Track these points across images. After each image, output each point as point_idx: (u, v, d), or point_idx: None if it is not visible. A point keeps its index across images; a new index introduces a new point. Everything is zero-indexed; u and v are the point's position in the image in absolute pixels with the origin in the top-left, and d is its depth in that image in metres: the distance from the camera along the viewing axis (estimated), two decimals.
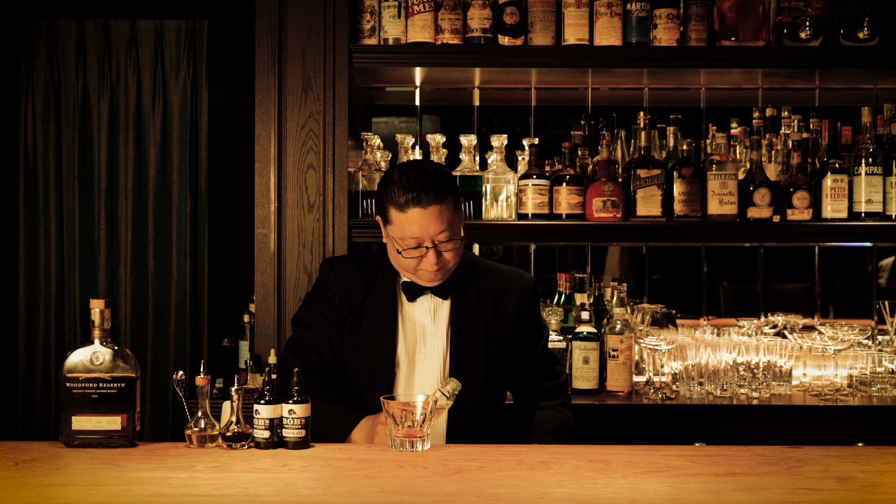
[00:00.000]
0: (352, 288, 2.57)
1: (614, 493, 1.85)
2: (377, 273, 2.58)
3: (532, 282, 2.64)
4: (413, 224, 2.41)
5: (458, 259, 2.48)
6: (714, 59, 3.34)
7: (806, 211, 3.34)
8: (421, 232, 2.41)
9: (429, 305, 2.55)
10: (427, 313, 2.55)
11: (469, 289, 2.56)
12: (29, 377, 4.43)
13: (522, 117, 3.98)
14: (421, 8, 3.28)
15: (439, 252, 2.43)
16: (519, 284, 2.61)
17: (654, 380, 3.19)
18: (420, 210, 2.40)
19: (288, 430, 2.19)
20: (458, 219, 2.46)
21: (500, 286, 2.59)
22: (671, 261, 3.97)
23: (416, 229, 2.41)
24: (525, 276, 2.66)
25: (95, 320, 2.24)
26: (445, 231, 2.41)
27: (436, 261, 2.43)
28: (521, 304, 2.59)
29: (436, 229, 2.41)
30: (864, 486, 1.91)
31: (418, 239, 2.42)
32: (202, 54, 4.40)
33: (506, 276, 2.63)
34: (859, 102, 3.54)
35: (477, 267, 2.61)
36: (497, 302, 2.57)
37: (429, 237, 2.42)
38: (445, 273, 2.49)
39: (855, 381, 3.28)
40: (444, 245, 2.43)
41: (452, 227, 2.43)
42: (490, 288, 2.58)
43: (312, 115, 3.27)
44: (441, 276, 2.49)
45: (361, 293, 2.56)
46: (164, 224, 4.42)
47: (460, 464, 2.06)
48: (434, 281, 2.50)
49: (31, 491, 1.86)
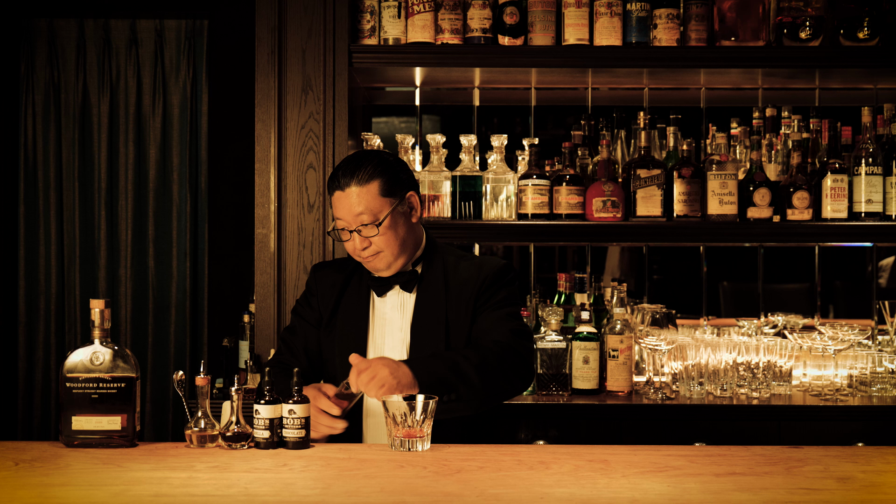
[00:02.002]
0: (328, 289, 2.62)
1: (614, 493, 1.85)
2: (354, 273, 2.62)
3: (498, 265, 2.57)
4: (336, 206, 2.48)
5: (394, 249, 2.48)
6: (714, 59, 3.34)
7: (806, 211, 3.34)
8: (342, 213, 2.46)
9: (397, 300, 2.56)
10: (395, 308, 2.56)
11: (436, 281, 2.56)
12: (29, 377, 4.43)
13: (522, 117, 3.98)
14: (421, 8, 3.28)
15: (364, 237, 2.46)
16: (484, 270, 2.56)
17: (654, 380, 3.19)
18: (339, 193, 2.46)
19: (288, 430, 2.19)
20: (387, 206, 2.45)
21: (468, 275, 2.56)
22: (671, 261, 3.97)
23: (338, 210, 2.47)
24: (494, 260, 2.61)
25: (95, 320, 2.24)
26: (364, 214, 2.43)
27: (361, 245, 2.46)
28: (480, 285, 2.54)
29: (354, 211, 2.44)
30: (864, 486, 1.91)
31: (342, 221, 2.47)
32: (202, 54, 4.40)
33: (477, 262, 2.59)
34: (859, 102, 3.54)
35: (449, 259, 2.60)
36: (461, 290, 2.55)
37: (350, 220, 2.45)
38: (387, 261, 2.50)
39: (855, 381, 3.28)
40: (367, 230, 2.45)
41: (375, 213, 2.44)
42: (458, 278, 2.56)
43: (312, 115, 3.27)
44: (383, 264, 2.50)
45: (336, 293, 2.60)
46: (164, 224, 4.42)
47: (460, 464, 2.06)
48: (378, 270, 2.52)
49: (31, 491, 1.86)
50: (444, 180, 3.36)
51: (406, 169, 2.56)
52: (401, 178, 2.51)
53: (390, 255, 2.49)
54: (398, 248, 2.49)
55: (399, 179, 2.50)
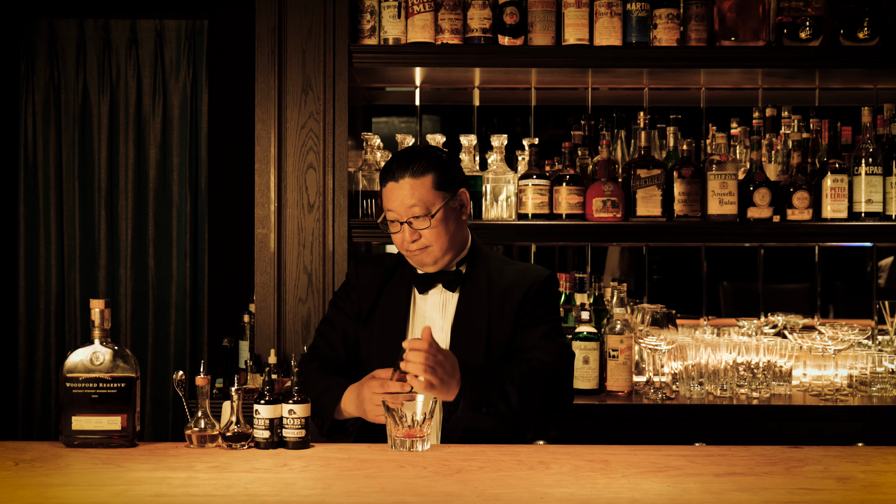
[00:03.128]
0: (370, 284, 2.61)
1: (614, 493, 1.85)
2: (396, 269, 2.61)
3: (543, 275, 2.57)
4: (388, 197, 2.47)
5: (442, 244, 2.48)
6: (714, 59, 3.34)
7: (806, 211, 3.34)
8: (395, 205, 2.46)
9: (439, 299, 2.56)
10: (437, 307, 2.55)
11: (479, 283, 2.55)
12: (29, 377, 4.43)
13: (522, 117, 3.98)
14: (421, 8, 3.28)
15: (415, 230, 2.46)
16: (529, 278, 2.55)
17: (654, 380, 3.19)
18: (393, 183, 2.46)
19: (288, 430, 2.19)
20: (440, 200, 2.46)
21: (511, 281, 2.55)
22: (671, 261, 3.97)
23: (390, 202, 2.47)
24: (538, 270, 2.60)
25: (95, 320, 2.24)
26: (416, 206, 2.43)
27: (410, 238, 2.46)
28: (525, 294, 2.53)
29: (406, 203, 2.44)
30: (864, 486, 1.91)
31: (393, 212, 2.47)
32: (202, 54, 4.40)
33: (522, 269, 2.59)
34: (859, 102, 3.54)
35: (493, 262, 2.59)
36: (505, 297, 2.54)
37: (402, 212, 2.45)
38: (434, 256, 2.49)
39: (855, 381, 3.28)
40: (418, 222, 2.45)
41: (427, 206, 2.44)
42: (502, 283, 2.55)
43: (312, 115, 3.27)
44: (429, 259, 2.49)
45: (377, 288, 2.60)
46: (164, 224, 4.42)
47: (460, 464, 2.06)
48: (424, 265, 2.51)
49: (31, 491, 1.86)
50: None
51: (458, 166, 2.57)
52: (454, 174, 2.52)
53: (438, 249, 2.48)
54: (447, 243, 2.49)
55: (452, 174, 2.51)
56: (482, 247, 2.63)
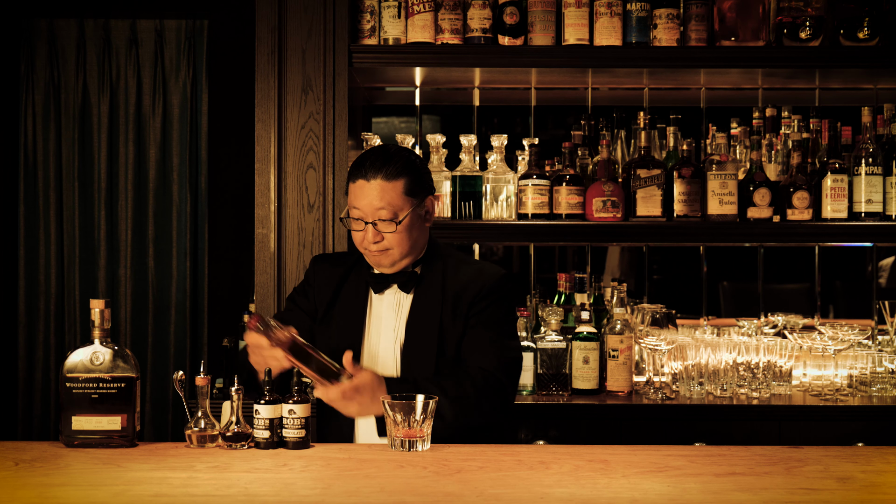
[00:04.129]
0: (326, 282, 2.60)
1: (614, 493, 1.85)
2: (353, 268, 2.59)
3: (499, 275, 2.54)
4: (356, 194, 2.45)
5: (404, 248, 2.46)
6: (714, 59, 3.34)
7: (806, 211, 3.34)
8: (362, 204, 2.43)
9: (393, 300, 2.54)
10: (391, 307, 2.54)
11: (433, 284, 2.52)
12: (29, 377, 4.43)
13: (522, 117, 3.98)
14: (421, 8, 3.28)
15: (378, 232, 2.44)
16: (481, 279, 2.52)
17: (654, 380, 3.19)
18: (363, 182, 2.43)
19: (288, 430, 2.19)
20: (408, 206, 2.44)
21: (466, 280, 2.52)
22: (671, 261, 3.97)
23: (357, 200, 2.44)
24: (491, 269, 2.57)
25: (95, 320, 2.24)
26: (384, 210, 2.41)
27: (373, 238, 2.43)
28: (477, 294, 2.50)
29: (375, 205, 2.41)
30: (864, 486, 1.91)
31: (358, 211, 2.44)
32: (202, 54, 4.40)
33: (476, 269, 2.56)
34: (859, 102, 3.54)
35: (450, 263, 2.56)
36: (458, 296, 2.51)
37: (368, 212, 2.43)
38: (392, 259, 2.47)
39: (855, 381, 3.28)
40: (383, 225, 2.42)
41: (395, 210, 2.42)
42: (456, 284, 2.52)
43: (312, 115, 3.27)
44: (387, 260, 2.48)
45: (334, 287, 2.58)
46: (164, 224, 4.42)
47: (460, 464, 2.06)
48: (381, 265, 2.50)
49: (31, 491, 1.86)
50: (444, 180, 3.36)
51: (429, 172, 2.55)
52: (424, 180, 2.50)
53: (398, 253, 2.47)
54: (408, 248, 2.48)
55: (423, 181, 2.49)
56: (442, 247, 2.61)
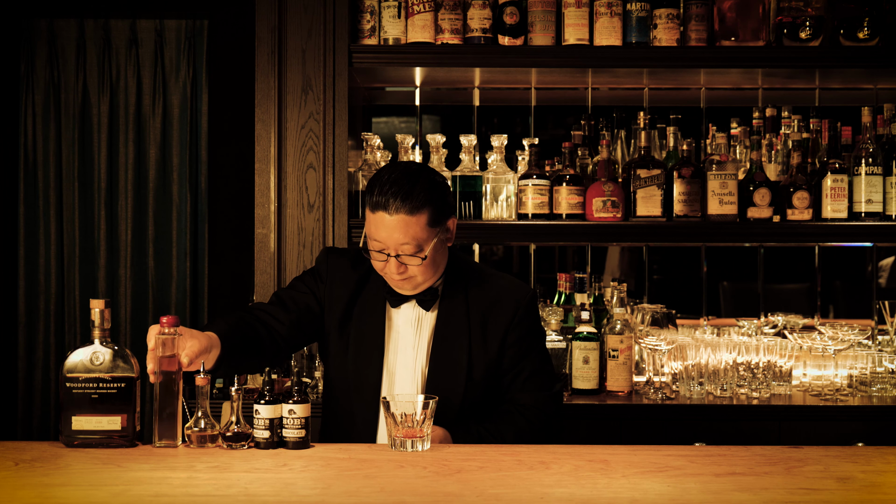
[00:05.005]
0: (341, 283, 2.49)
1: (614, 493, 1.85)
2: (370, 276, 2.47)
3: (529, 295, 2.47)
4: (376, 225, 2.32)
5: (428, 275, 2.37)
6: (714, 59, 3.34)
7: (806, 211, 3.34)
8: (383, 237, 2.31)
9: (412, 315, 2.44)
10: (409, 323, 2.44)
11: (457, 300, 2.43)
12: (29, 377, 4.43)
13: (522, 117, 3.98)
14: (421, 8, 3.28)
15: (402, 263, 2.33)
16: (513, 297, 2.45)
17: (654, 380, 3.19)
18: (384, 214, 2.30)
19: (288, 430, 2.19)
20: (432, 237, 2.33)
21: (493, 298, 2.44)
22: (671, 261, 3.97)
23: (377, 232, 2.32)
24: (522, 288, 2.49)
25: (95, 320, 2.24)
26: (408, 245, 2.30)
27: (398, 270, 2.33)
28: (512, 320, 2.43)
29: (398, 240, 2.30)
30: (864, 486, 1.91)
31: (381, 244, 2.33)
32: (202, 54, 4.40)
33: (502, 287, 2.47)
34: (859, 102, 3.54)
35: (471, 276, 2.47)
36: (486, 316, 2.42)
37: (392, 245, 2.31)
38: (416, 285, 2.39)
39: (855, 381, 3.28)
40: (408, 259, 2.32)
41: (420, 244, 2.31)
42: (482, 300, 2.44)
43: (312, 115, 3.27)
44: (410, 286, 2.39)
45: (350, 292, 2.48)
46: (164, 224, 4.42)
47: (460, 464, 2.06)
48: (403, 289, 2.41)
49: (31, 491, 1.86)
50: None
51: (449, 191, 2.43)
52: (447, 204, 2.38)
53: (422, 280, 2.38)
54: (433, 273, 2.39)
55: (446, 205, 2.37)
56: (461, 259, 2.52)
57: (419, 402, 2.18)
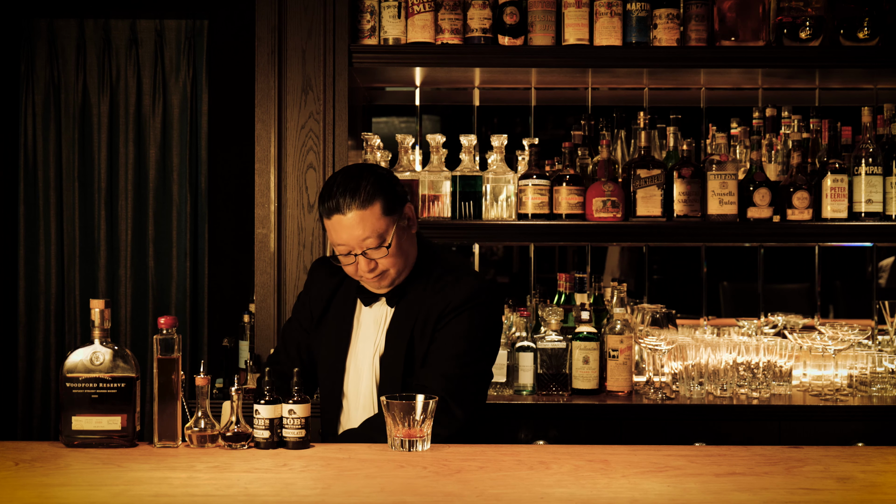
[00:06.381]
0: (320, 289, 2.59)
1: (614, 493, 1.85)
2: (346, 277, 2.54)
3: (466, 291, 2.42)
4: (335, 230, 2.37)
5: (400, 265, 2.42)
6: (714, 59, 3.34)
7: (806, 211, 3.34)
8: (344, 238, 2.36)
9: (380, 312, 2.51)
10: (376, 320, 2.51)
11: (414, 299, 2.46)
12: (29, 377, 4.43)
13: (522, 117, 3.98)
14: (421, 8, 3.28)
15: (370, 259, 2.38)
16: (451, 291, 2.43)
17: (654, 380, 3.19)
18: (339, 216, 2.35)
19: (288, 430, 2.19)
20: (391, 225, 2.37)
21: (440, 292, 2.45)
22: (671, 261, 3.97)
23: (338, 235, 2.37)
24: (464, 283, 2.44)
25: (95, 320, 2.24)
26: (370, 238, 2.35)
27: (367, 268, 2.38)
28: (442, 310, 2.42)
29: (359, 236, 2.34)
30: (864, 486, 1.91)
31: (345, 246, 2.37)
32: (202, 54, 4.40)
33: (452, 281, 2.45)
34: (859, 102, 3.54)
35: (436, 273, 2.48)
36: (430, 309, 2.44)
37: (355, 244, 2.36)
38: (391, 279, 2.43)
39: (855, 381, 3.28)
40: (374, 252, 2.36)
41: (381, 234, 2.35)
42: (434, 293, 2.45)
43: (312, 115, 3.27)
44: (386, 282, 2.43)
45: (328, 295, 2.57)
46: (164, 224, 4.42)
47: (460, 464, 2.06)
48: (381, 287, 2.46)
49: (31, 491, 1.86)
50: (444, 180, 3.36)
51: (397, 179, 2.46)
52: (397, 192, 2.41)
53: (395, 273, 2.42)
54: (403, 264, 2.43)
55: (396, 193, 2.40)
56: (432, 251, 2.53)
57: (419, 403, 2.18)
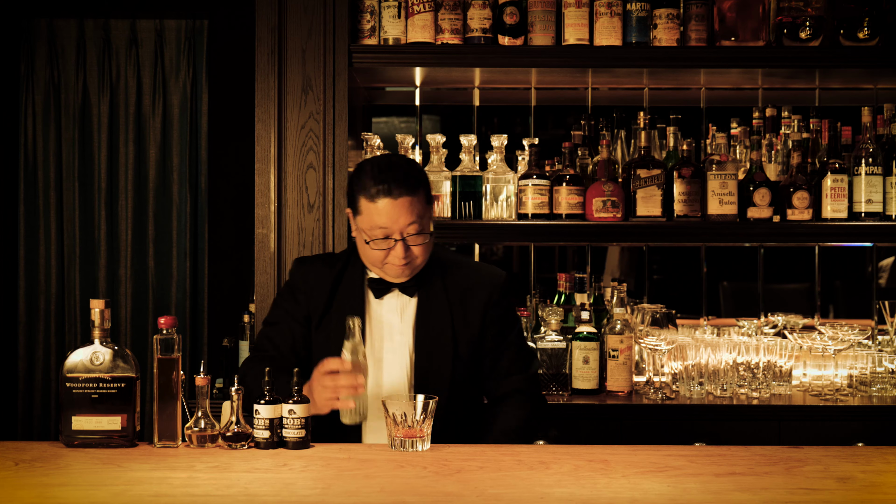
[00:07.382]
0: (318, 286, 2.56)
1: (614, 493, 1.85)
2: (345, 270, 2.56)
3: (502, 277, 2.59)
4: (382, 215, 2.39)
5: (426, 255, 2.47)
6: (714, 59, 3.34)
7: (806, 211, 3.34)
8: (390, 223, 2.39)
9: (396, 303, 2.52)
10: (394, 311, 2.52)
11: (436, 286, 2.53)
12: (29, 377, 4.43)
13: (522, 117, 3.98)
14: (421, 8, 3.28)
15: (407, 246, 2.41)
16: (488, 279, 2.56)
17: (654, 380, 3.19)
18: (390, 200, 2.39)
19: (288, 430, 2.19)
20: (428, 214, 2.45)
21: (468, 282, 2.54)
22: (671, 261, 3.97)
23: (385, 220, 2.39)
24: (494, 271, 2.61)
25: (95, 320, 2.24)
26: (415, 223, 2.40)
27: (403, 254, 2.41)
28: (489, 298, 2.54)
29: (405, 221, 2.39)
30: (864, 486, 1.91)
31: (387, 230, 2.40)
32: (202, 54, 4.40)
33: (475, 271, 2.59)
34: (859, 102, 3.54)
35: (446, 263, 2.57)
36: (465, 298, 2.53)
37: (398, 229, 2.40)
38: (413, 269, 2.47)
39: (855, 381, 3.28)
40: (413, 238, 2.41)
41: (422, 222, 2.42)
42: (458, 284, 2.54)
43: (312, 115, 3.27)
44: (409, 271, 2.47)
45: (328, 291, 2.55)
46: (164, 224, 4.42)
47: (460, 464, 2.06)
48: (401, 277, 2.48)
49: (31, 491, 1.86)
50: (444, 180, 3.36)
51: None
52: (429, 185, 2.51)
53: (422, 261, 2.47)
54: (428, 253, 2.48)
55: (430, 186, 2.51)
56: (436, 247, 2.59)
57: (419, 402, 2.18)
